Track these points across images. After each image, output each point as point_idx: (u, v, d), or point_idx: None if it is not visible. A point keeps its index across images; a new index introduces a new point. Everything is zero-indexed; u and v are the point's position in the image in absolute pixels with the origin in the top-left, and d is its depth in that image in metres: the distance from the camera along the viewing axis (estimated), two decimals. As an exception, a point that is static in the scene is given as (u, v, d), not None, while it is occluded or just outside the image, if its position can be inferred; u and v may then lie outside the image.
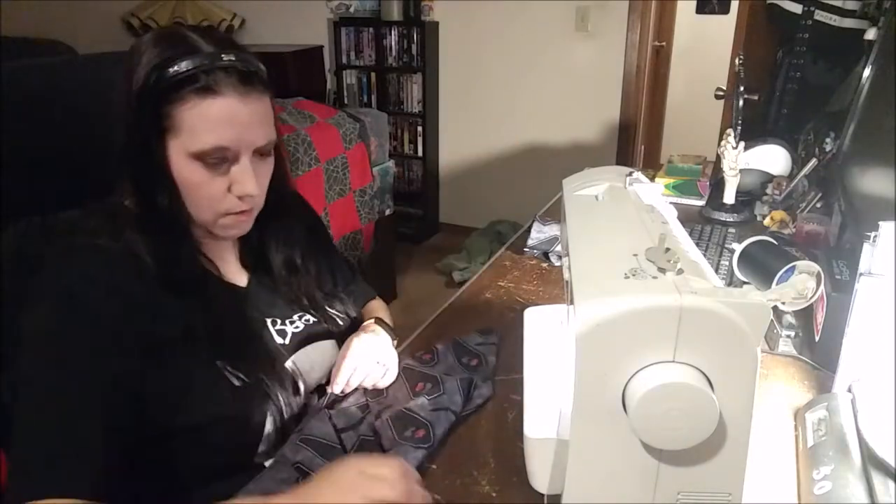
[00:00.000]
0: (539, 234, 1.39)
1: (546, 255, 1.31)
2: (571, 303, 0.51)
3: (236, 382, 0.76)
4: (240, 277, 0.88)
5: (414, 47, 3.58)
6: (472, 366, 0.91)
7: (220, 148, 0.72)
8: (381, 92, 3.75)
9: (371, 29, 3.66)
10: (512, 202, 3.65)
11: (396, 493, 0.59)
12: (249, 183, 0.75)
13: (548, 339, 0.82)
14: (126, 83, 0.72)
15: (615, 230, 0.66)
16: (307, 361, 0.86)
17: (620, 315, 0.47)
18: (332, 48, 3.82)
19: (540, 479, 0.68)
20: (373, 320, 0.97)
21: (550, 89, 3.43)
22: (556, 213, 1.45)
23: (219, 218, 0.78)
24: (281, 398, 0.79)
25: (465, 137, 3.75)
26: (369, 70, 3.76)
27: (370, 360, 0.87)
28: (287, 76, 3.59)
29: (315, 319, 0.91)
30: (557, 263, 1.28)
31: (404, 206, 3.77)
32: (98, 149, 0.97)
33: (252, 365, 0.78)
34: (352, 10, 3.72)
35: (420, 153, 3.79)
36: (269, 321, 0.86)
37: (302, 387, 0.84)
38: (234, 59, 0.72)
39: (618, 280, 0.50)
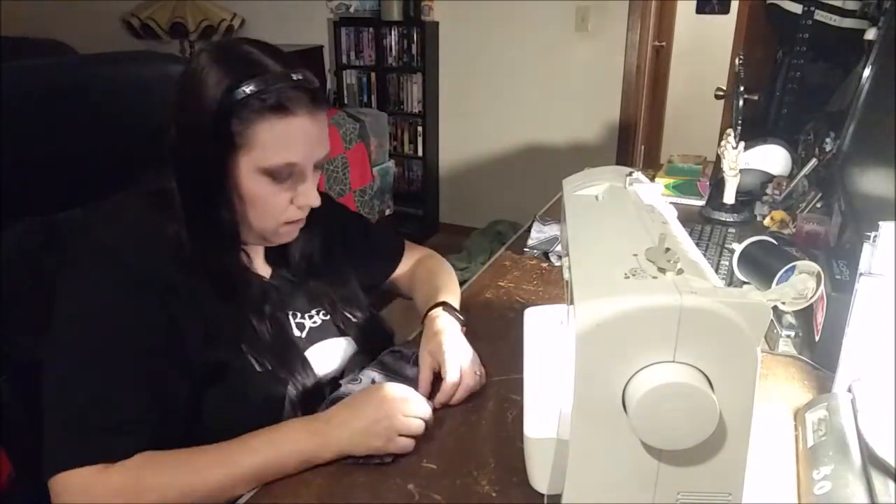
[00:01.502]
0: (539, 234, 1.40)
1: (546, 255, 1.31)
2: (571, 303, 0.51)
3: (258, 368, 0.79)
4: (264, 270, 0.90)
5: (414, 47, 3.58)
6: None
7: (291, 164, 0.75)
8: (381, 92, 3.75)
9: (371, 29, 3.66)
10: (512, 202, 3.65)
11: (420, 410, 0.75)
12: (314, 196, 0.80)
13: (548, 339, 0.82)
14: (193, 103, 0.73)
15: (615, 230, 0.66)
16: (322, 355, 0.89)
17: (620, 315, 0.47)
18: (332, 48, 3.82)
19: (540, 479, 0.68)
20: (440, 309, 0.93)
21: (550, 89, 3.43)
22: (556, 213, 1.45)
23: (279, 227, 0.81)
24: (297, 387, 0.81)
25: (465, 137, 3.75)
26: (369, 70, 3.76)
27: (470, 372, 0.85)
28: (287, 76, 3.58)
29: (327, 316, 0.93)
30: (557, 263, 1.28)
31: (404, 206, 3.77)
32: (98, 149, 0.98)
33: (273, 353, 0.80)
34: (352, 10, 3.72)
35: (420, 153, 3.79)
36: (289, 314, 0.89)
37: (315, 379, 0.85)
38: (302, 77, 0.74)
39: (618, 280, 0.50)
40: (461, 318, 0.94)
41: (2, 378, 0.87)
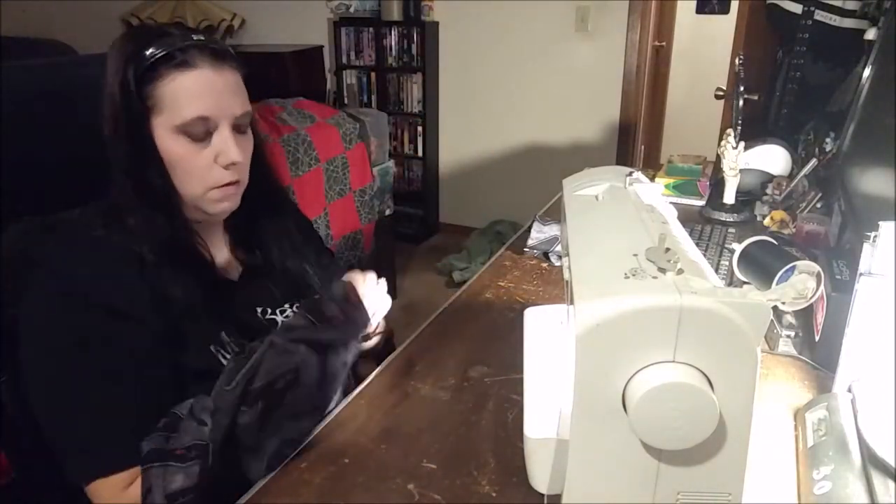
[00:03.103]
0: (539, 234, 1.39)
1: (546, 255, 1.31)
2: (571, 303, 0.51)
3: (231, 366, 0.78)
4: (232, 267, 0.91)
5: (414, 47, 3.58)
6: None
7: (201, 118, 0.76)
8: (381, 92, 3.75)
9: (371, 29, 3.66)
10: (512, 202, 3.65)
11: None
12: (232, 150, 0.79)
13: (548, 339, 0.82)
14: (107, 80, 0.76)
15: (615, 230, 0.66)
16: None
17: (620, 315, 0.47)
18: (332, 48, 3.82)
19: (540, 479, 0.68)
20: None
21: (550, 89, 3.43)
22: (556, 213, 1.45)
23: (207, 191, 0.81)
24: None
25: (465, 137, 3.75)
26: (369, 70, 3.76)
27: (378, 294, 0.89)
28: (287, 76, 3.59)
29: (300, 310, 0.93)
30: (557, 263, 1.28)
31: (404, 206, 3.77)
32: (98, 149, 0.98)
33: (243, 350, 0.80)
34: (352, 10, 3.71)
35: (420, 153, 3.79)
36: (259, 310, 0.89)
37: None
38: (203, 38, 0.77)
39: (618, 280, 0.50)
40: None
41: (1, 378, 0.87)
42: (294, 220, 1.01)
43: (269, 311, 0.90)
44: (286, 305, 0.92)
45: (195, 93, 0.76)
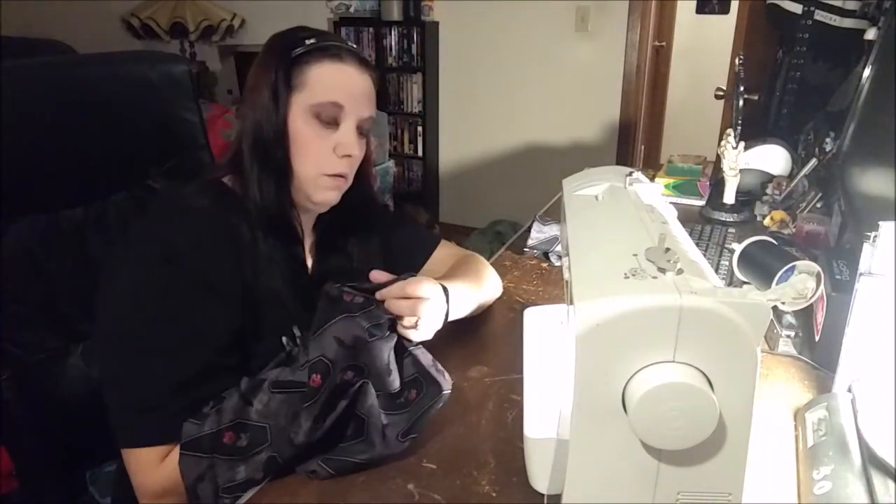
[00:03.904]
0: (539, 234, 1.40)
1: (546, 255, 1.31)
2: (571, 303, 0.51)
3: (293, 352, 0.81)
4: (310, 260, 0.94)
5: (414, 47, 3.58)
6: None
7: (335, 104, 0.83)
8: (381, 92, 3.75)
9: (371, 29, 3.66)
10: (512, 202, 3.65)
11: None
12: (352, 143, 0.85)
13: (548, 339, 0.82)
14: (266, 60, 0.84)
15: (615, 230, 0.66)
16: None
17: (620, 315, 0.47)
18: (332, 48, 3.82)
19: (540, 479, 0.68)
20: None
21: (550, 89, 3.43)
22: (556, 213, 1.45)
23: (319, 176, 0.85)
24: None
25: (465, 137, 3.75)
26: (369, 70, 3.76)
27: (430, 305, 0.80)
28: (287, 76, 3.58)
29: None
30: (557, 263, 1.28)
31: (404, 206, 3.77)
32: (99, 148, 0.98)
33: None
34: (352, 9, 3.71)
35: (420, 153, 3.79)
36: None
37: None
38: (355, 48, 0.87)
39: (618, 280, 0.50)
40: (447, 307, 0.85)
41: (3, 376, 0.87)
42: (383, 238, 1.01)
43: None
44: None
45: (337, 81, 0.83)
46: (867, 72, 1.04)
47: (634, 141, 3.43)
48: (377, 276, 0.80)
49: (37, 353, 0.91)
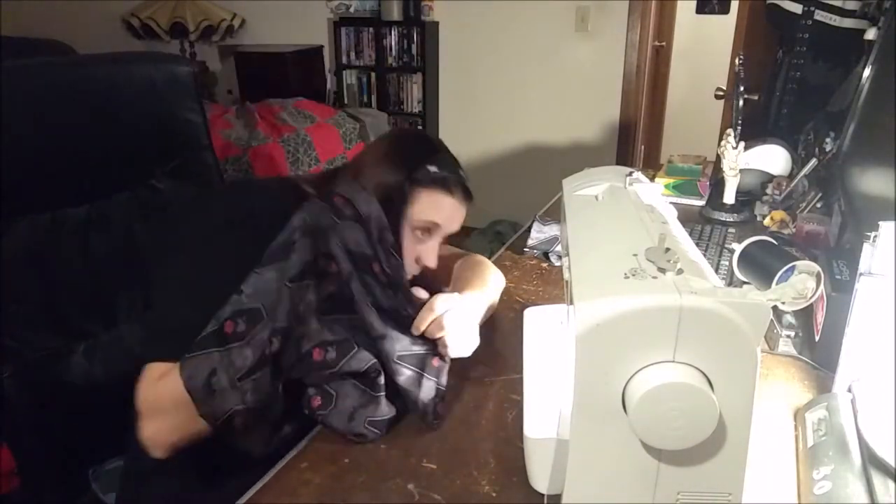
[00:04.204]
0: (539, 234, 1.39)
1: (546, 255, 1.31)
2: (571, 303, 0.51)
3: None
4: None
5: (414, 47, 3.58)
6: None
7: (435, 224, 0.92)
8: (381, 92, 3.75)
9: (371, 29, 3.66)
10: (512, 202, 3.65)
11: None
12: (433, 259, 0.94)
13: (548, 339, 0.82)
14: (394, 165, 0.91)
15: (615, 230, 0.66)
16: None
17: (620, 315, 0.47)
18: (332, 48, 3.82)
19: (540, 479, 0.68)
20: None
21: (550, 89, 3.43)
22: (556, 213, 1.45)
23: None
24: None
25: (465, 137, 3.75)
26: (369, 70, 3.76)
27: (452, 315, 0.86)
28: (287, 76, 3.59)
29: None
30: (557, 263, 1.28)
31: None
32: (100, 148, 0.98)
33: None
34: (352, 10, 3.72)
35: (420, 153, 3.78)
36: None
37: None
38: (463, 175, 0.96)
39: (618, 280, 0.50)
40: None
41: (4, 374, 0.87)
42: None
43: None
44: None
45: (441, 211, 0.93)
46: (867, 72, 1.04)
47: (634, 141, 3.43)
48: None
49: (38, 352, 0.91)
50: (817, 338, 0.92)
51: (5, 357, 0.87)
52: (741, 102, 1.58)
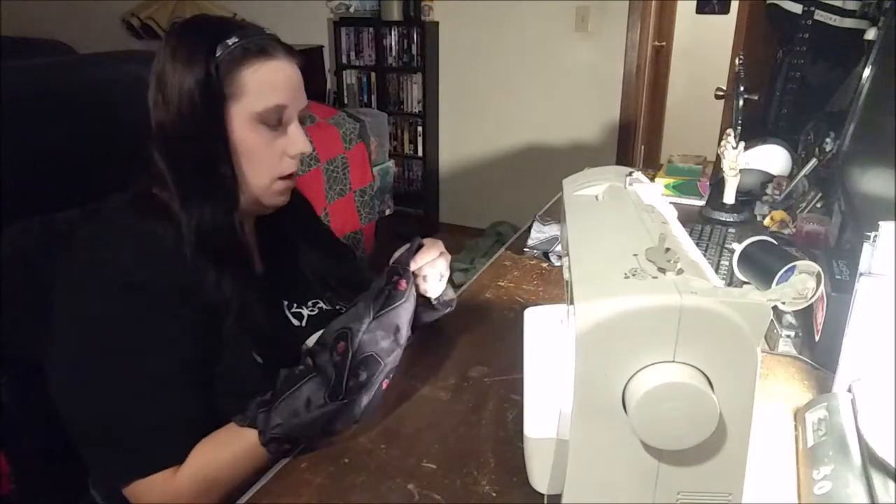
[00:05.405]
0: (539, 234, 1.39)
1: (546, 255, 1.31)
2: (571, 303, 0.51)
3: (259, 360, 0.79)
4: (258, 262, 0.92)
5: (414, 47, 3.58)
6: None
7: (281, 106, 0.78)
8: (381, 92, 3.75)
9: (371, 29, 3.66)
10: (512, 202, 3.65)
11: None
12: (303, 140, 0.81)
13: (548, 339, 0.82)
14: (179, 71, 0.74)
15: (615, 230, 0.66)
16: None
17: (620, 315, 0.47)
18: (332, 48, 3.82)
19: (540, 479, 0.68)
20: None
21: (550, 89, 3.43)
22: (556, 213, 1.45)
23: (274, 182, 0.82)
24: None
25: (465, 137, 3.75)
26: (369, 70, 3.76)
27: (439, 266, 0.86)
28: (287, 76, 3.58)
29: (328, 306, 0.94)
30: (557, 263, 1.28)
31: (404, 206, 3.77)
32: (98, 149, 0.98)
33: (272, 345, 0.81)
34: (352, 10, 3.72)
35: (420, 153, 3.79)
36: (285, 303, 0.90)
37: None
38: (273, 34, 0.80)
39: (618, 280, 0.50)
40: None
41: (2, 380, 0.87)
42: (314, 220, 1.05)
43: (296, 305, 0.91)
44: (310, 302, 0.93)
45: (277, 82, 0.77)
46: (867, 72, 1.04)
47: (634, 141, 3.43)
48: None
49: (35, 356, 0.91)
50: (817, 338, 0.92)
51: (1, 363, 0.87)
52: (741, 102, 1.58)
